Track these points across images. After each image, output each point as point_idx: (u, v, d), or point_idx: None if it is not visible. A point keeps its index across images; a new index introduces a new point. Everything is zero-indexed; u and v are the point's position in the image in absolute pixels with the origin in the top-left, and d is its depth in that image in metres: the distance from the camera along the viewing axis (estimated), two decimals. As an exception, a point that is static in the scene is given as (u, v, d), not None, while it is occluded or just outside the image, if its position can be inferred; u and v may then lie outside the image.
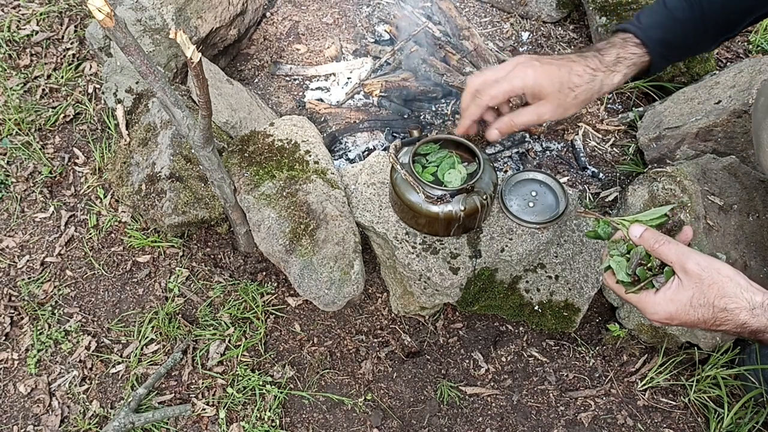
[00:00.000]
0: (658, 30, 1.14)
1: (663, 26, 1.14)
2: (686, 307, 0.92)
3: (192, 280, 1.73)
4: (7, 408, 1.56)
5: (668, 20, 1.15)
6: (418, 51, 2.04)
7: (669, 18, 1.15)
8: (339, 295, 1.45)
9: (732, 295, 0.90)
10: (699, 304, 0.92)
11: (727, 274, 0.92)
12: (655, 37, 1.13)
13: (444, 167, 1.43)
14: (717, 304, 0.90)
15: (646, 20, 1.15)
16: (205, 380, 1.58)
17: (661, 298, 0.95)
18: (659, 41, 1.13)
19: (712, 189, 1.60)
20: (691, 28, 1.15)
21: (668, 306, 0.94)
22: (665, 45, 1.14)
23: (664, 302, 0.94)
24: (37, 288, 1.73)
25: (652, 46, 1.13)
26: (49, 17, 2.30)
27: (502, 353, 1.63)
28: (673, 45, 1.15)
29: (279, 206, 1.52)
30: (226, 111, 1.78)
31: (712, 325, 0.92)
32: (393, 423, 1.53)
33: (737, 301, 0.90)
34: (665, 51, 1.14)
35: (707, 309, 0.91)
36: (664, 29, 1.14)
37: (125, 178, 1.73)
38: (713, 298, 0.91)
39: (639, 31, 1.13)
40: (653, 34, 1.13)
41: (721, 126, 1.72)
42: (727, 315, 0.90)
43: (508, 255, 1.47)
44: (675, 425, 1.52)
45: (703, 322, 0.92)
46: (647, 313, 0.97)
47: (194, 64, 1.10)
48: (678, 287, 0.94)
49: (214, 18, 1.98)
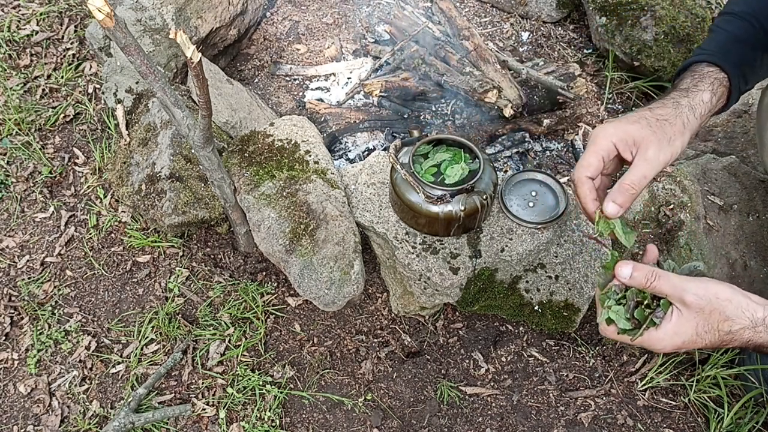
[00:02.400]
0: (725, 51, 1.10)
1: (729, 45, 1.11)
2: (693, 337, 0.93)
3: (192, 280, 1.73)
4: (7, 408, 1.56)
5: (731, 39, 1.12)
6: (418, 51, 2.04)
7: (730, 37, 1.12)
8: (339, 295, 1.45)
9: (734, 317, 0.91)
10: (704, 332, 0.92)
11: (725, 297, 0.92)
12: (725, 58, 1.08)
13: (446, 164, 1.43)
14: (721, 328, 0.91)
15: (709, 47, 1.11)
16: (205, 380, 1.58)
17: (664, 333, 0.94)
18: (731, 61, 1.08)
19: (712, 189, 1.60)
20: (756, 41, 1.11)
21: (674, 339, 0.94)
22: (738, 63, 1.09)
23: (668, 337, 0.94)
24: (37, 288, 1.73)
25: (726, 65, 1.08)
26: (49, 17, 2.30)
27: (502, 353, 1.63)
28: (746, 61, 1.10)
29: (279, 206, 1.52)
30: (226, 111, 1.78)
31: (719, 346, 0.94)
32: (393, 423, 1.53)
33: (740, 321, 0.91)
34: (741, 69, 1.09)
35: (713, 335, 0.92)
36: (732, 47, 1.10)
37: (125, 178, 1.73)
38: (717, 324, 0.91)
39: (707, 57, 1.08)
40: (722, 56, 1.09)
41: (721, 126, 1.72)
42: (733, 336, 0.92)
43: (508, 255, 1.47)
44: (675, 425, 1.52)
45: (710, 346, 0.94)
46: (656, 349, 0.97)
47: (194, 64, 1.10)
48: (679, 319, 0.93)
49: (214, 18, 1.98)
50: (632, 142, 1.01)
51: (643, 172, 1.00)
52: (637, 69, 2.08)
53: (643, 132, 1.00)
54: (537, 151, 1.97)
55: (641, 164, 1.01)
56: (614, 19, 2.07)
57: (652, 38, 1.99)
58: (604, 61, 2.18)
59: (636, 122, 1.02)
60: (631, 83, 2.11)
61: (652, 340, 0.96)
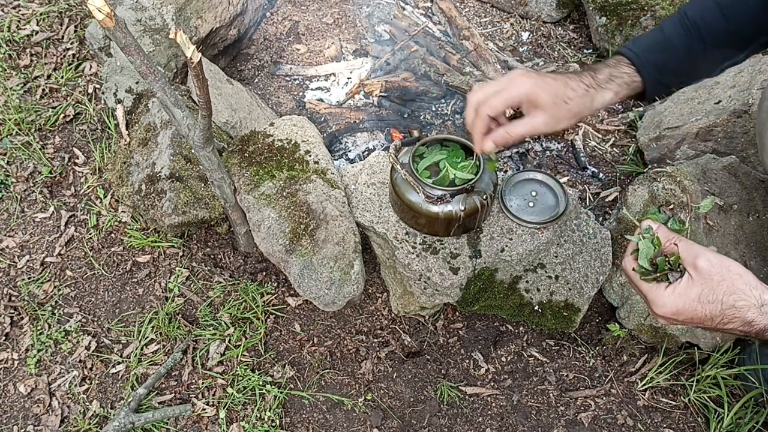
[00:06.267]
0: (651, 53, 1.15)
1: (657, 50, 1.16)
2: (694, 302, 0.93)
3: (192, 280, 1.73)
4: (7, 408, 1.56)
5: (663, 45, 1.17)
6: (418, 51, 2.04)
7: (663, 42, 1.17)
8: (339, 295, 1.45)
9: (741, 292, 0.90)
10: (707, 301, 0.92)
11: (737, 271, 0.92)
12: (647, 60, 1.15)
13: (452, 163, 1.43)
14: (726, 300, 0.91)
15: (641, 44, 1.17)
16: (205, 380, 1.58)
17: (669, 292, 0.95)
18: (653, 64, 1.15)
19: (712, 189, 1.60)
20: (688, 54, 1.16)
21: (676, 300, 0.94)
22: (659, 69, 1.15)
23: (672, 296, 0.95)
24: (37, 288, 1.73)
25: (645, 68, 1.14)
26: (49, 17, 2.30)
27: (502, 353, 1.63)
28: (668, 69, 1.16)
29: (279, 206, 1.52)
30: (226, 111, 1.78)
31: (719, 323, 0.92)
32: (393, 423, 1.53)
33: (746, 298, 0.90)
34: (660, 75, 1.15)
35: (715, 305, 0.91)
36: (659, 53, 1.16)
37: (125, 178, 1.73)
38: (722, 295, 0.91)
39: (631, 54, 1.16)
40: (646, 57, 1.15)
41: (721, 126, 1.72)
42: (735, 312, 0.90)
43: (508, 255, 1.47)
44: (675, 425, 1.52)
45: (710, 318, 0.92)
46: (655, 306, 0.97)
47: (194, 64, 1.10)
48: (687, 283, 0.94)
49: (214, 18, 1.98)
50: (534, 102, 1.11)
51: (525, 131, 1.14)
52: (637, 69, 2.08)
53: (546, 100, 1.10)
54: (537, 151, 1.97)
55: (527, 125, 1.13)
56: (614, 19, 2.07)
57: (652, 38, 1.99)
58: (604, 61, 2.18)
59: (548, 92, 1.11)
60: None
61: (656, 295, 0.96)
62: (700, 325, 0.95)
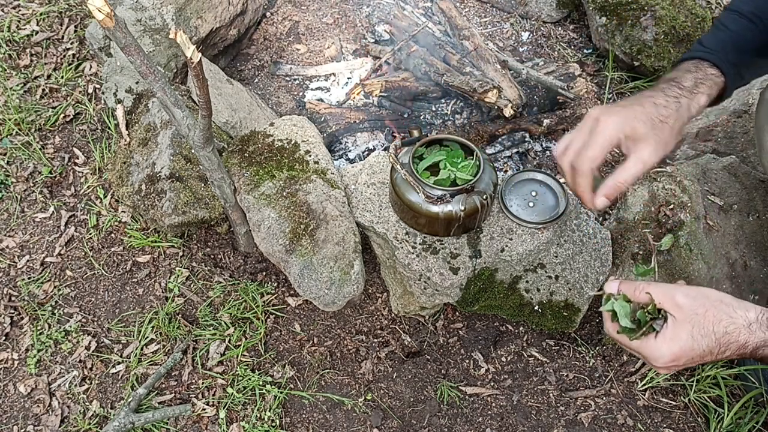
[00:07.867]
0: (727, 52, 1.11)
1: (731, 47, 1.12)
2: (689, 342, 0.90)
3: (192, 280, 1.73)
4: (7, 408, 1.56)
5: (734, 41, 1.12)
6: (418, 51, 2.04)
7: (735, 39, 1.13)
8: (339, 295, 1.45)
9: (727, 316, 0.89)
10: (700, 335, 0.90)
11: (716, 297, 0.91)
12: (726, 58, 1.10)
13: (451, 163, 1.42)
14: (717, 330, 0.89)
15: (713, 44, 1.13)
16: (205, 380, 1.58)
17: (661, 341, 0.92)
18: (731, 62, 1.10)
19: (712, 189, 1.60)
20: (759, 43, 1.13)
21: (671, 346, 0.91)
22: (736, 64, 1.11)
23: (665, 344, 0.92)
24: (37, 288, 1.73)
25: (725, 66, 1.10)
26: (49, 17, 2.30)
27: (502, 353, 1.63)
28: (744, 63, 1.12)
29: (279, 206, 1.52)
30: (226, 111, 1.78)
31: (718, 353, 0.90)
32: (393, 423, 1.53)
33: (734, 321, 0.88)
34: (738, 70, 1.11)
35: (710, 338, 0.89)
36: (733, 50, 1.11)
37: (125, 178, 1.73)
38: (712, 326, 0.89)
39: (708, 55, 1.10)
40: (724, 56, 1.10)
41: (721, 126, 1.72)
42: (729, 338, 0.89)
43: (508, 255, 1.47)
44: (675, 425, 1.52)
45: (708, 352, 0.90)
46: (653, 360, 0.94)
47: (194, 64, 1.10)
48: (674, 325, 0.91)
49: (214, 18, 1.98)
50: (633, 136, 1.03)
51: (637, 172, 1.03)
52: (637, 69, 2.08)
53: (646, 131, 1.02)
54: (537, 151, 1.97)
55: (637, 164, 1.03)
56: (614, 19, 2.07)
57: (652, 38, 1.99)
58: (604, 61, 2.19)
59: (642, 120, 1.03)
60: (631, 83, 2.11)
61: (650, 348, 0.94)
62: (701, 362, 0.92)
